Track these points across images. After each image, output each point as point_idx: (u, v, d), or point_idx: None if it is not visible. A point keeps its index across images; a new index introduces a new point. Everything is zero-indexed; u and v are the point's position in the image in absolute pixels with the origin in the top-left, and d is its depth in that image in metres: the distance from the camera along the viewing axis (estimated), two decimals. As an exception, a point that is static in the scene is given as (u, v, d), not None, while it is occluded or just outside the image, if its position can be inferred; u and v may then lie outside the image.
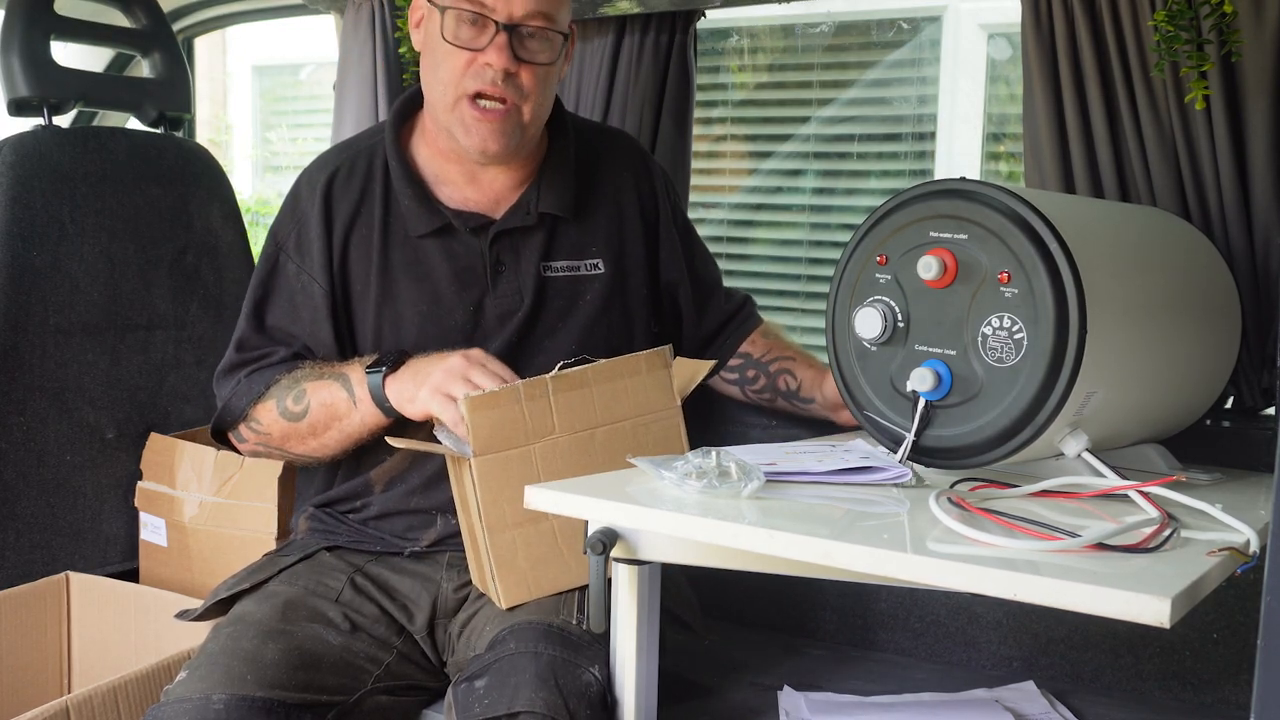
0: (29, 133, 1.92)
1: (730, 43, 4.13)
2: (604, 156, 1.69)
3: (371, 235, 1.59)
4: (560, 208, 1.60)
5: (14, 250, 1.84)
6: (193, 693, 1.32)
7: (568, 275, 1.62)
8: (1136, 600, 0.89)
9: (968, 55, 3.87)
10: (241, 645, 1.38)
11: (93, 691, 1.37)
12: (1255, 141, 1.57)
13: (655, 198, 1.71)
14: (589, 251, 1.63)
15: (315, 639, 1.43)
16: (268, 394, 1.57)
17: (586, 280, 1.63)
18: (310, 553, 1.59)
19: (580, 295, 1.62)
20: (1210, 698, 1.62)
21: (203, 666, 1.36)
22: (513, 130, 1.52)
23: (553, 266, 1.61)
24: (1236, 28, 1.54)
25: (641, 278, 1.68)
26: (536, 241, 1.60)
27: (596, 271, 1.63)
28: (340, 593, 1.52)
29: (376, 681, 1.45)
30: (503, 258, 1.59)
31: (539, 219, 1.59)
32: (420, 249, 1.58)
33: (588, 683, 1.28)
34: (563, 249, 1.62)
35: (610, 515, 1.20)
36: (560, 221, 1.61)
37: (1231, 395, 1.63)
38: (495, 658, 1.32)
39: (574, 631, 1.35)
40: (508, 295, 1.58)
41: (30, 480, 1.87)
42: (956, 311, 1.24)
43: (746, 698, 1.62)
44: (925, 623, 1.81)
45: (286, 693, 1.34)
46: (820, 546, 1.05)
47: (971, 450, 1.25)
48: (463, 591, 1.55)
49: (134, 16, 2.16)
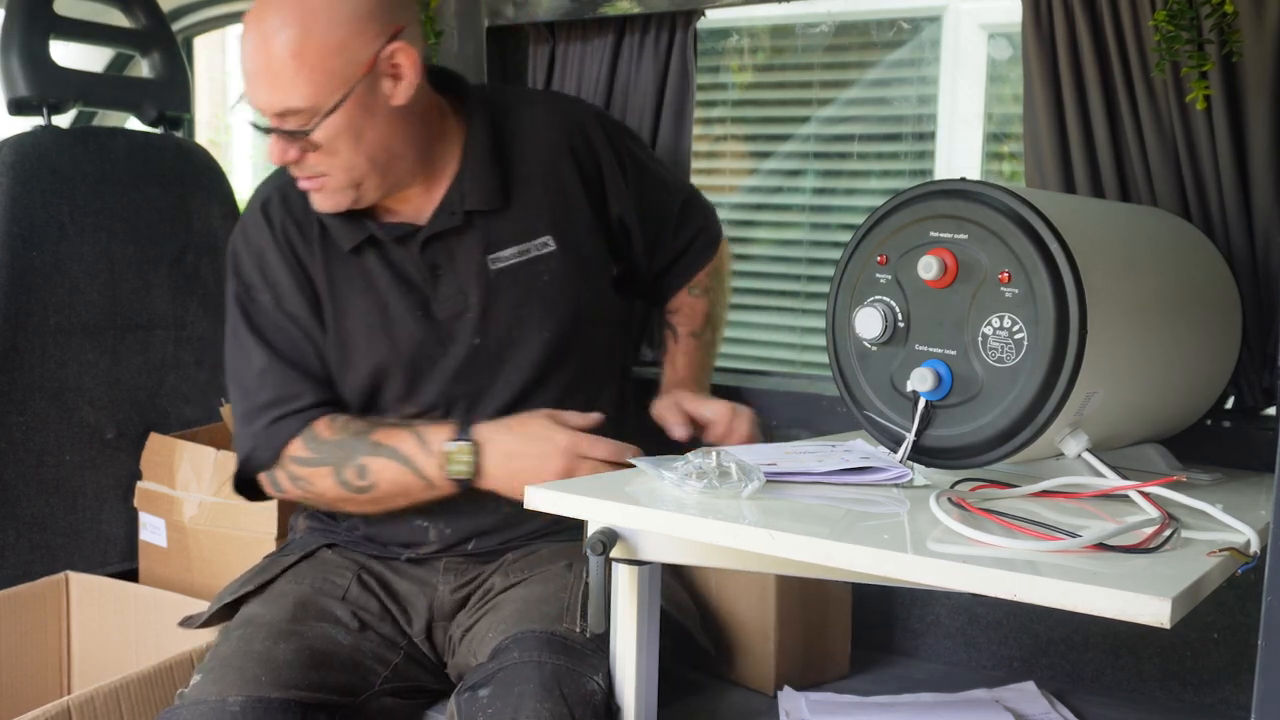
0: (29, 133, 1.92)
1: (730, 43, 4.13)
2: (532, 127, 1.60)
3: (314, 253, 1.57)
4: (485, 202, 1.54)
5: (14, 250, 1.84)
6: (208, 695, 1.32)
7: (519, 261, 1.56)
8: (1136, 600, 0.89)
9: (968, 55, 3.86)
10: (253, 647, 1.38)
11: (94, 692, 1.37)
12: (1256, 141, 1.57)
13: (593, 148, 1.62)
14: (535, 230, 1.57)
15: (326, 638, 1.44)
16: (318, 456, 1.51)
17: (540, 260, 1.57)
18: (311, 550, 1.59)
19: (537, 277, 1.57)
20: (1210, 698, 1.62)
21: (216, 669, 1.36)
22: (337, 194, 1.48)
23: (501, 257, 1.55)
24: (1237, 28, 1.54)
25: (595, 239, 1.62)
26: (474, 238, 1.55)
27: (548, 249, 1.57)
28: (347, 590, 1.53)
29: (384, 683, 1.46)
30: (438, 260, 1.55)
31: (466, 217, 1.54)
32: (362, 262, 1.55)
33: (591, 691, 1.28)
34: (507, 236, 1.56)
35: (610, 515, 1.20)
36: (495, 213, 1.55)
37: (1232, 395, 1.63)
38: (499, 667, 1.31)
39: (577, 640, 1.34)
40: (451, 297, 1.55)
41: (30, 480, 1.87)
42: (957, 311, 1.24)
43: (746, 698, 1.62)
44: (925, 623, 1.81)
45: (301, 692, 1.34)
46: (820, 547, 1.05)
47: (971, 450, 1.25)
48: (460, 593, 1.55)
49: (134, 16, 2.16)
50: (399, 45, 1.43)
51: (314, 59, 1.39)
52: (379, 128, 1.45)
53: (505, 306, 1.55)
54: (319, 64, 1.39)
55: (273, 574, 1.54)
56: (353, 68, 1.41)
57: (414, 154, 1.51)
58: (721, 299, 1.81)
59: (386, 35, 1.42)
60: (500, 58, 2.20)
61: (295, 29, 1.38)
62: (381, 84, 1.44)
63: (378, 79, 1.43)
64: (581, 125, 1.62)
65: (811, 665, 1.67)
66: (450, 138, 1.56)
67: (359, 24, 1.40)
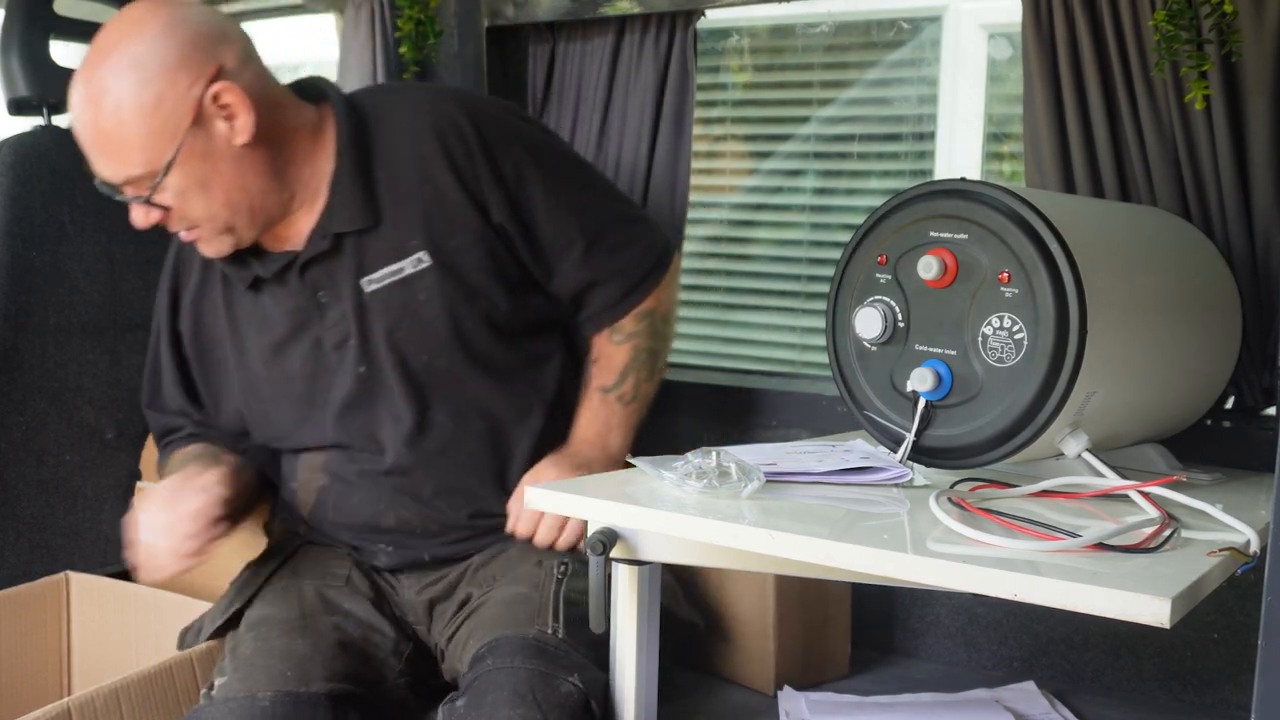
0: (29, 133, 1.92)
1: (730, 43, 4.13)
2: (400, 131, 1.49)
3: (218, 294, 1.55)
4: (352, 221, 1.45)
5: (14, 250, 1.84)
6: (237, 693, 1.32)
7: (394, 281, 1.47)
8: (1136, 600, 0.89)
9: (968, 55, 3.86)
10: (272, 644, 1.39)
11: (95, 693, 1.37)
12: (1255, 141, 1.57)
13: (468, 147, 1.46)
14: (409, 247, 1.46)
15: (338, 630, 1.44)
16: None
17: (416, 278, 1.47)
18: (291, 552, 1.58)
19: (413, 296, 1.47)
20: (1210, 698, 1.62)
21: (241, 668, 1.36)
22: (215, 241, 1.45)
23: (374, 279, 1.47)
24: (1236, 27, 1.54)
25: (484, 251, 1.48)
26: (348, 261, 1.47)
27: (423, 266, 1.46)
28: (349, 577, 1.53)
29: (400, 675, 1.46)
30: (321, 286, 1.48)
31: (336, 240, 1.46)
32: (260, 298, 1.52)
33: (567, 693, 1.27)
34: (380, 256, 1.47)
35: (610, 515, 1.20)
36: (365, 232, 1.46)
37: (1232, 395, 1.63)
38: (475, 676, 1.31)
39: (550, 642, 1.33)
40: (335, 324, 1.49)
41: (30, 480, 1.87)
42: (956, 311, 1.24)
43: (746, 698, 1.62)
44: (925, 623, 1.81)
45: (326, 684, 1.34)
46: (820, 547, 1.05)
47: (971, 450, 1.25)
48: (425, 595, 1.53)
49: (134, 16, 2.16)
50: (221, 85, 1.36)
51: (133, 124, 1.34)
52: (226, 172, 1.39)
53: (382, 331, 1.48)
54: (139, 128, 1.34)
55: (256, 586, 1.53)
56: (175, 122, 1.35)
57: (279, 184, 1.44)
58: (653, 347, 1.60)
59: (205, 79, 1.36)
60: (500, 58, 2.20)
61: (109, 96, 1.34)
62: (214, 128, 1.37)
63: (208, 125, 1.36)
64: (454, 122, 1.47)
65: (811, 665, 1.67)
66: (322, 155, 1.47)
67: (170, 76, 1.34)
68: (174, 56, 1.35)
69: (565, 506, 1.23)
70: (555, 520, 1.48)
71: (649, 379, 1.59)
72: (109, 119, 1.35)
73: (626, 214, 1.60)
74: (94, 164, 1.39)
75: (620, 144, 2.08)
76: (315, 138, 1.47)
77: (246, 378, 1.55)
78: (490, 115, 1.51)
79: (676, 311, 1.66)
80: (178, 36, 1.35)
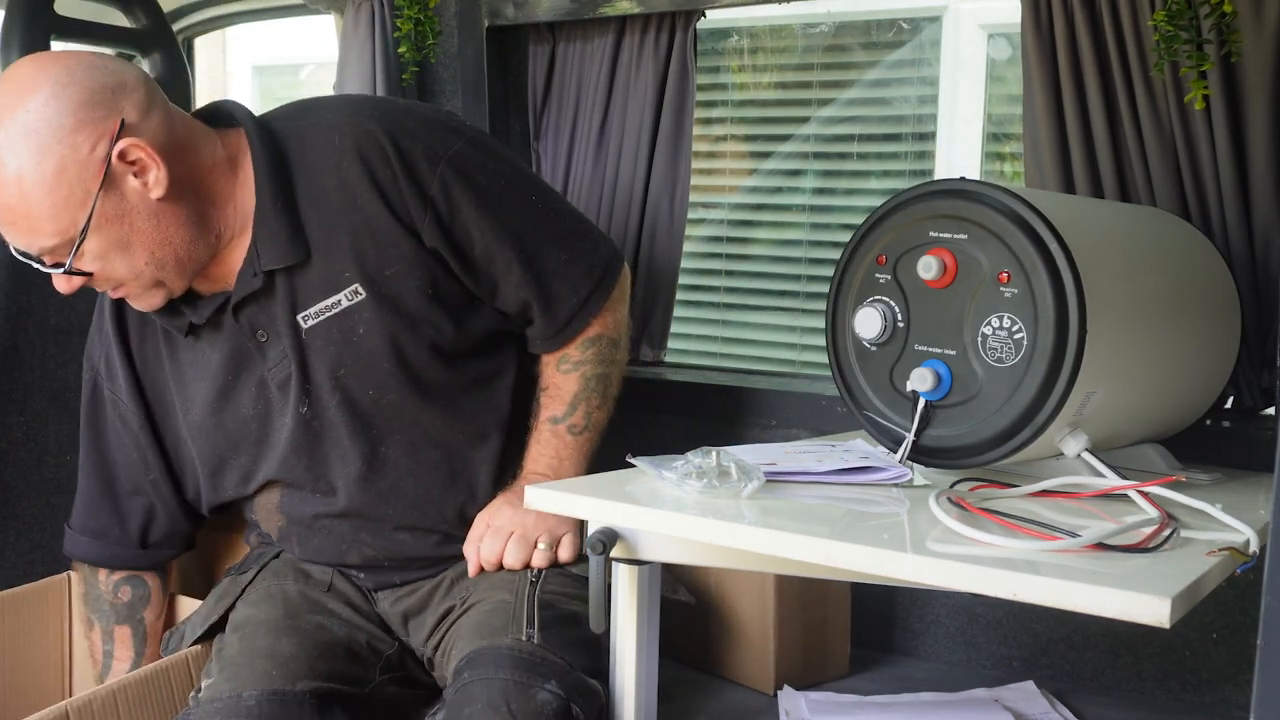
0: (29, 133, 1.91)
1: (730, 43, 4.13)
2: (319, 156, 1.39)
3: (159, 344, 1.49)
4: (281, 259, 1.37)
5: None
6: (223, 692, 1.32)
7: (331, 316, 1.40)
8: (1136, 600, 0.89)
9: (968, 55, 3.87)
10: (257, 644, 1.38)
11: (92, 695, 1.37)
12: (1255, 141, 1.57)
13: (394, 176, 1.37)
14: (343, 280, 1.39)
15: (322, 629, 1.44)
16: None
17: (354, 311, 1.40)
18: (270, 558, 1.57)
19: (353, 330, 1.40)
20: (1210, 698, 1.62)
21: (226, 668, 1.36)
22: (145, 296, 1.38)
23: (309, 314, 1.40)
24: (1236, 28, 1.54)
25: (419, 274, 1.40)
26: (281, 298, 1.40)
27: (360, 298, 1.39)
28: (331, 583, 1.53)
29: (383, 672, 1.46)
30: (258, 325, 1.41)
31: (268, 277, 1.38)
32: (201, 344, 1.45)
33: (544, 701, 1.25)
34: (314, 291, 1.39)
35: (610, 515, 1.20)
36: (296, 267, 1.39)
37: (1231, 395, 1.63)
38: (454, 690, 1.30)
39: (525, 649, 1.30)
40: (277, 362, 1.42)
41: (30, 480, 1.87)
42: (956, 311, 1.24)
43: (746, 697, 1.62)
44: (925, 623, 1.81)
45: (311, 683, 1.34)
46: (820, 546, 1.05)
47: (971, 450, 1.25)
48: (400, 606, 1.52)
49: (134, 16, 2.16)
50: (127, 142, 1.27)
51: (37, 196, 1.25)
52: (145, 229, 1.31)
53: (325, 369, 1.41)
54: (44, 199, 1.25)
55: (235, 594, 1.52)
56: (83, 187, 1.26)
57: (203, 230, 1.36)
58: (604, 373, 1.51)
59: (108, 137, 1.26)
60: (500, 58, 2.20)
61: (7, 170, 1.25)
62: (126, 186, 1.29)
63: (119, 185, 1.28)
64: (377, 142, 1.38)
65: (811, 665, 1.67)
66: (243, 189, 1.39)
67: (68, 141, 1.25)
68: (69, 119, 1.25)
69: (565, 506, 1.23)
70: (522, 544, 1.43)
71: (601, 406, 1.51)
72: (11, 192, 1.26)
73: (568, 229, 1.50)
74: (6, 235, 1.32)
75: (620, 144, 2.09)
76: (233, 171, 1.39)
77: (192, 427, 1.50)
78: (413, 132, 1.40)
79: (628, 332, 1.57)
80: (70, 97, 1.25)
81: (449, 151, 1.41)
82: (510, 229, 1.42)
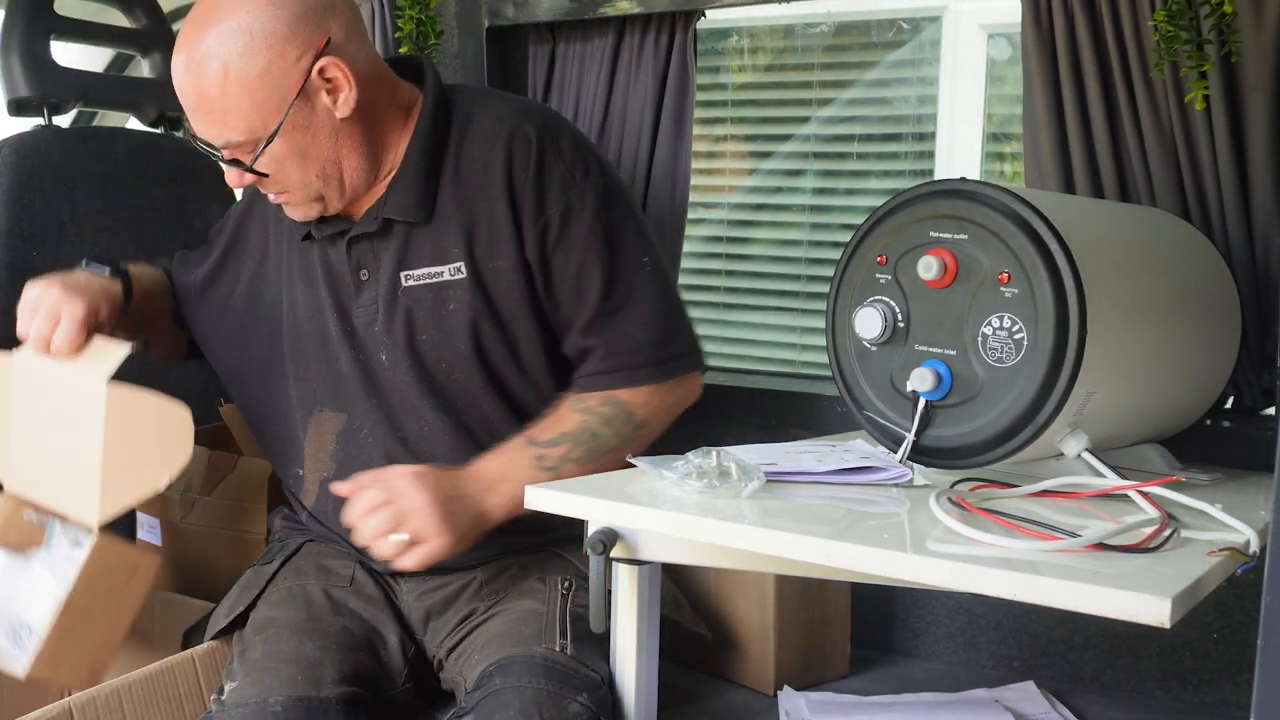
0: (29, 133, 1.91)
1: (730, 43, 4.13)
2: (479, 141, 1.45)
3: (283, 239, 1.56)
4: (402, 212, 1.44)
5: (14, 250, 1.84)
6: (248, 698, 1.32)
7: (430, 283, 1.45)
8: (1136, 600, 0.89)
9: (968, 55, 3.86)
10: (281, 648, 1.38)
11: (96, 692, 1.37)
12: (1255, 141, 1.57)
13: (526, 177, 1.42)
14: (450, 254, 1.44)
15: (345, 632, 1.43)
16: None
17: (451, 287, 1.44)
18: (293, 551, 1.57)
19: (444, 304, 1.45)
20: (1210, 698, 1.62)
21: (251, 673, 1.35)
22: (303, 207, 1.45)
23: (412, 275, 1.45)
24: (1236, 28, 1.54)
25: (515, 278, 1.44)
26: (393, 248, 1.46)
27: (459, 276, 1.44)
28: (353, 577, 1.52)
29: (407, 680, 1.45)
30: (364, 264, 1.48)
31: (386, 224, 1.45)
32: (309, 254, 1.52)
33: (575, 713, 1.25)
34: (423, 254, 1.45)
35: (610, 515, 1.20)
36: (415, 225, 1.45)
37: (1231, 395, 1.63)
38: (482, 695, 1.30)
39: (559, 660, 1.32)
40: (367, 305, 1.48)
41: (30, 480, 1.87)
42: (956, 311, 1.24)
43: (746, 698, 1.62)
44: (925, 623, 1.81)
45: (336, 688, 1.34)
46: (820, 546, 1.05)
47: (971, 450, 1.25)
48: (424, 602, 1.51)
49: (134, 16, 2.16)
50: (328, 60, 1.36)
51: (238, 92, 1.34)
52: (324, 144, 1.40)
53: (406, 328, 1.46)
54: (245, 96, 1.34)
55: (260, 586, 1.52)
56: (281, 93, 1.35)
57: (371, 160, 1.44)
58: (604, 436, 1.44)
59: (313, 51, 1.35)
60: (500, 58, 2.20)
61: (215, 63, 1.33)
62: (318, 101, 1.37)
63: (312, 97, 1.37)
64: (526, 139, 1.43)
65: (811, 665, 1.67)
66: (408, 138, 1.47)
67: (278, 48, 1.34)
68: (283, 28, 1.34)
69: (566, 506, 1.23)
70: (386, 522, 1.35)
71: (580, 462, 1.42)
72: (214, 84, 1.34)
73: (662, 307, 1.48)
74: (193, 124, 1.40)
75: (620, 144, 2.09)
76: (405, 120, 1.47)
77: (292, 328, 1.55)
78: (562, 150, 1.45)
79: (658, 431, 1.50)
80: (289, 8, 1.35)
81: (584, 182, 1.45)
82: (607, 275, 1.44)
